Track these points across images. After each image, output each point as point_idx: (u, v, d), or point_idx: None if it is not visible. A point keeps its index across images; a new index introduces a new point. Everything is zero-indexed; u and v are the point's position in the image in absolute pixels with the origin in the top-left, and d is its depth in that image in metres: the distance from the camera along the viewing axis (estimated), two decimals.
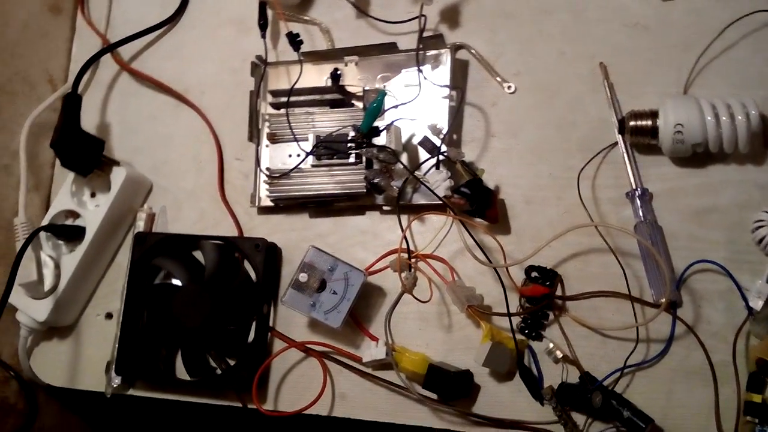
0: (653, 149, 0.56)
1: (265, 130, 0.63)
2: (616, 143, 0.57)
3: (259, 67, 0.66)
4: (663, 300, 0.53)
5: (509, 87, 0.61)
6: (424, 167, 0.58)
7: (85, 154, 0.63)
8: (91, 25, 0.73)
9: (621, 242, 0.56)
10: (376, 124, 0.59)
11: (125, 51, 0.71)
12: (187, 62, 0.71)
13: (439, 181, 0.56)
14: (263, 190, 0.64)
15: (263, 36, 0.65)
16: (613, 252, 0.55)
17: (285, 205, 0.64)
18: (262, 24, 0.65)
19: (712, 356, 0.52)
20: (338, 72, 0.60)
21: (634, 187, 0.56)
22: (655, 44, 0.59)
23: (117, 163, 0.65)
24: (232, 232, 0.65)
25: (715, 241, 0.54)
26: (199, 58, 0.70)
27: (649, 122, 0.54)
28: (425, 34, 0.61)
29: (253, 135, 0.65)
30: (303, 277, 0.57)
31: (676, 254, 0.55)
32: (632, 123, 0.55)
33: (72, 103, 0.64)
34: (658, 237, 0.55)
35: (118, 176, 0.65)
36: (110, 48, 0.69)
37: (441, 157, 0.57)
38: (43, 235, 0.65)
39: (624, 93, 0.58)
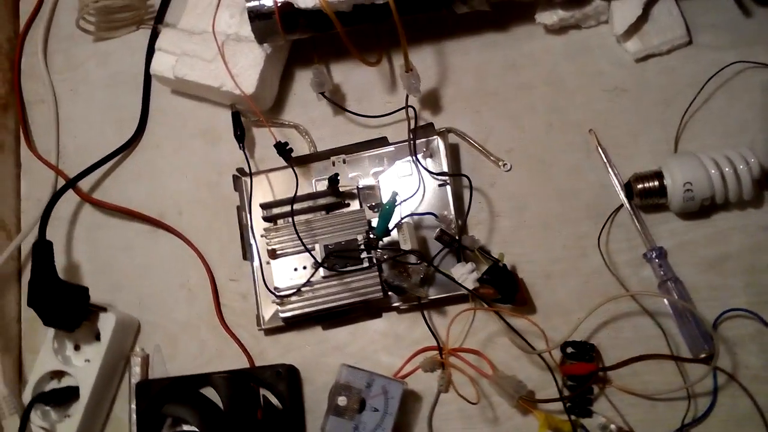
0: (658, 207, 0.60)
1: (264, 247, 0.62)
2: (621, 206, 0.61)
3: (242, 180, 0.64)
4: (703, 354, 0.56)
5: (505, 165, 0.63)
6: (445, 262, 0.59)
7: (69, 307, 0.59)
8: (39, 158, 0.70)
9: (647, 303, 0.59)
10: None
11: (84, 182, 0.68)
12: (157, 183, 0.68)
13: (465, 274, 0.57)
14: (267, 310, 0.62)
15: (242, 147, 0.65)
16: (651, 315, 0.58)
17: (293, 323, 0.62)
18: (239, 135, 0.64)
19: (758, 399, 0.56)
20: (338, 176, 0.60)
21: (649, 247, 0.59)
22: (637, 105, 0.63)
23: (104, 309, 0.62)
24: (240, 360, 0.63)
25: (734, 287, 0.58)
26: (171, 177, 0.68)
27: (656, 183, 0.58)
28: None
29: (247, 252, 0.63)
30: (342, 400, 0.55)
31: (700, 305, 0.58)
32: (639, 186, 0.58)
33: (43, 251, 0.60)
34: (684, 293, 0.58)
35: (107, 324, 0.61)
36: (72, 183, 0.65)
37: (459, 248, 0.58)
38: None
39: (616, 155, 0.62)
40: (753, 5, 0.63)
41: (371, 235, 0.57)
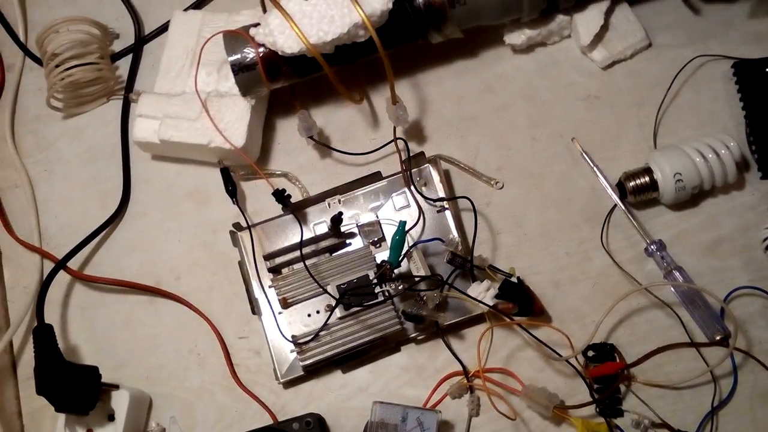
0: (649, 203, 0.63)
1: (272, 298, 0.62)
2: (614, 206, 0.63)
3: (238, 235, 0.65)
4: (718, 336, 0.58)
5: (497, 183, 0.66)
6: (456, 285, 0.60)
7: (81, 389, 0.57)
8: (22, 242, 0.68)
9: (658, 295, 0.61)
10: None
11: (73, 260, 0.67)
12: (149, 252, 0.68)
13: (483, 292, 0.58)
14: (283, 362, 0.62)
15: (235, 201, 0.65)
16: (666, 305, 0.60)
17: (312, 370, 0.62)
18: (231, 190, 0.65)
19: None
20: (341, 214, 0.61)
21: (649, 241, 0.62)
22: (611, 109, 0.67)
23: (116, 387, 0.60)
24: (263, 418, 0.62)
25: (734, 267, 0.62)
26: (163, 244, 0.68)
27: (647, 178, 0.61)
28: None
29: (255, 307, 0.63)
30: None
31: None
32: (631, 184, 0.61)
33: (45, 336, 0.58)
34: (690, 280, 0.61)
35: (120, 402, 0.59)
36: (63, 263, 0.64)
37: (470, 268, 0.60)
38: None
39: (600, 159, 0.65)
40: (700, 3, 0.68)
41: (387, 266, 0.58)
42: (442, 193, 0.64)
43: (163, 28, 0.72)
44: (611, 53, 0.67)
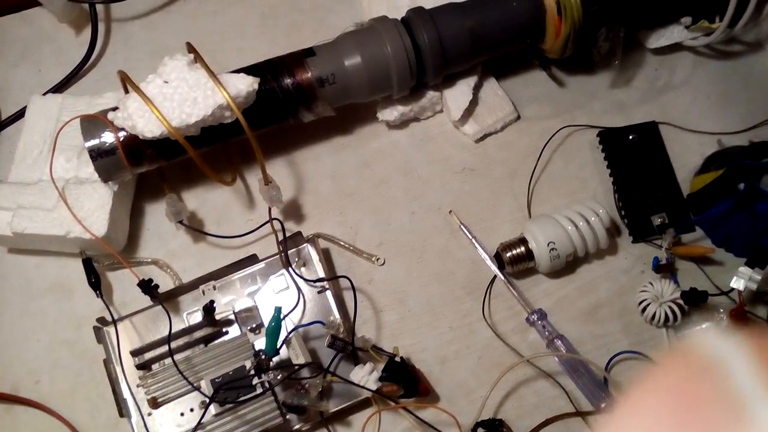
0: (528, 272, 0.64)
1: (142, 398, 0.58)
2: (495, 277, 0.64)
3: (103, 330, 0.60)
4: (604, 404, 0.58)
5: (378, 260, 0.65)
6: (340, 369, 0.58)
7: None
8: None
9: (542, 365, 0.61)
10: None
11: None
12: (5, 355, 0.62)
13: (365, 376, 0.56)
14: None
15: (99, 294, 0.61)
16: (550, 376, 0.60)
17: None
18: (95, 282, 0.61)
19: None
20: (213, 304, 0.58)
21: (530, 311, 0.62)
22: (486, 181, 0.68)
23: None
24: None
25: (613, 332, 0.63)
26: (20, 345, 0.62)
27: (522, 248, 0.62)
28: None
29: (123, 408, 0.58)
30: None
31: (588, 356, 0.61)
32: (508, 254, 0.62)
33: None
34: (571, 347, 0.61)
35: None
36: None
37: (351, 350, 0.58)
38: None
39: (478, 230, 0.66)
40: (564, 76, 0.71)
41: (262, 356, 0.55)
42: (321, 273, 0.62)
43: (20, 114, 0.69)
44: (482, 126, 0.68)
